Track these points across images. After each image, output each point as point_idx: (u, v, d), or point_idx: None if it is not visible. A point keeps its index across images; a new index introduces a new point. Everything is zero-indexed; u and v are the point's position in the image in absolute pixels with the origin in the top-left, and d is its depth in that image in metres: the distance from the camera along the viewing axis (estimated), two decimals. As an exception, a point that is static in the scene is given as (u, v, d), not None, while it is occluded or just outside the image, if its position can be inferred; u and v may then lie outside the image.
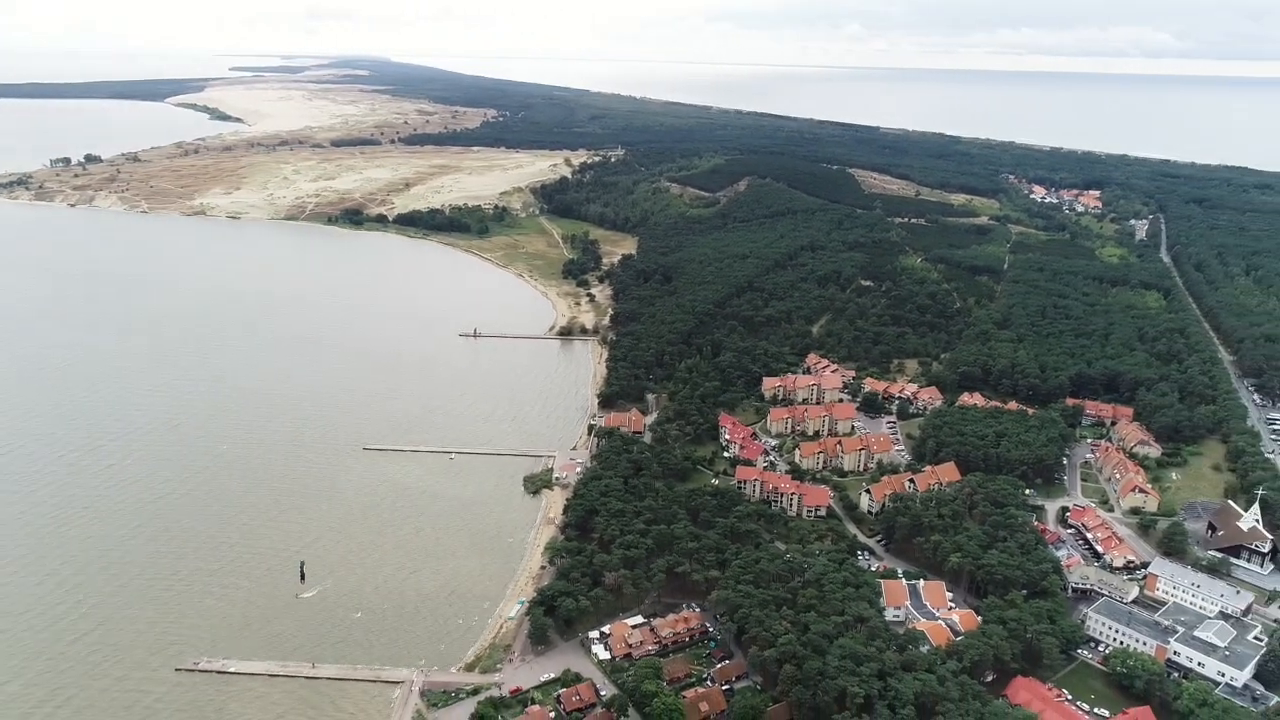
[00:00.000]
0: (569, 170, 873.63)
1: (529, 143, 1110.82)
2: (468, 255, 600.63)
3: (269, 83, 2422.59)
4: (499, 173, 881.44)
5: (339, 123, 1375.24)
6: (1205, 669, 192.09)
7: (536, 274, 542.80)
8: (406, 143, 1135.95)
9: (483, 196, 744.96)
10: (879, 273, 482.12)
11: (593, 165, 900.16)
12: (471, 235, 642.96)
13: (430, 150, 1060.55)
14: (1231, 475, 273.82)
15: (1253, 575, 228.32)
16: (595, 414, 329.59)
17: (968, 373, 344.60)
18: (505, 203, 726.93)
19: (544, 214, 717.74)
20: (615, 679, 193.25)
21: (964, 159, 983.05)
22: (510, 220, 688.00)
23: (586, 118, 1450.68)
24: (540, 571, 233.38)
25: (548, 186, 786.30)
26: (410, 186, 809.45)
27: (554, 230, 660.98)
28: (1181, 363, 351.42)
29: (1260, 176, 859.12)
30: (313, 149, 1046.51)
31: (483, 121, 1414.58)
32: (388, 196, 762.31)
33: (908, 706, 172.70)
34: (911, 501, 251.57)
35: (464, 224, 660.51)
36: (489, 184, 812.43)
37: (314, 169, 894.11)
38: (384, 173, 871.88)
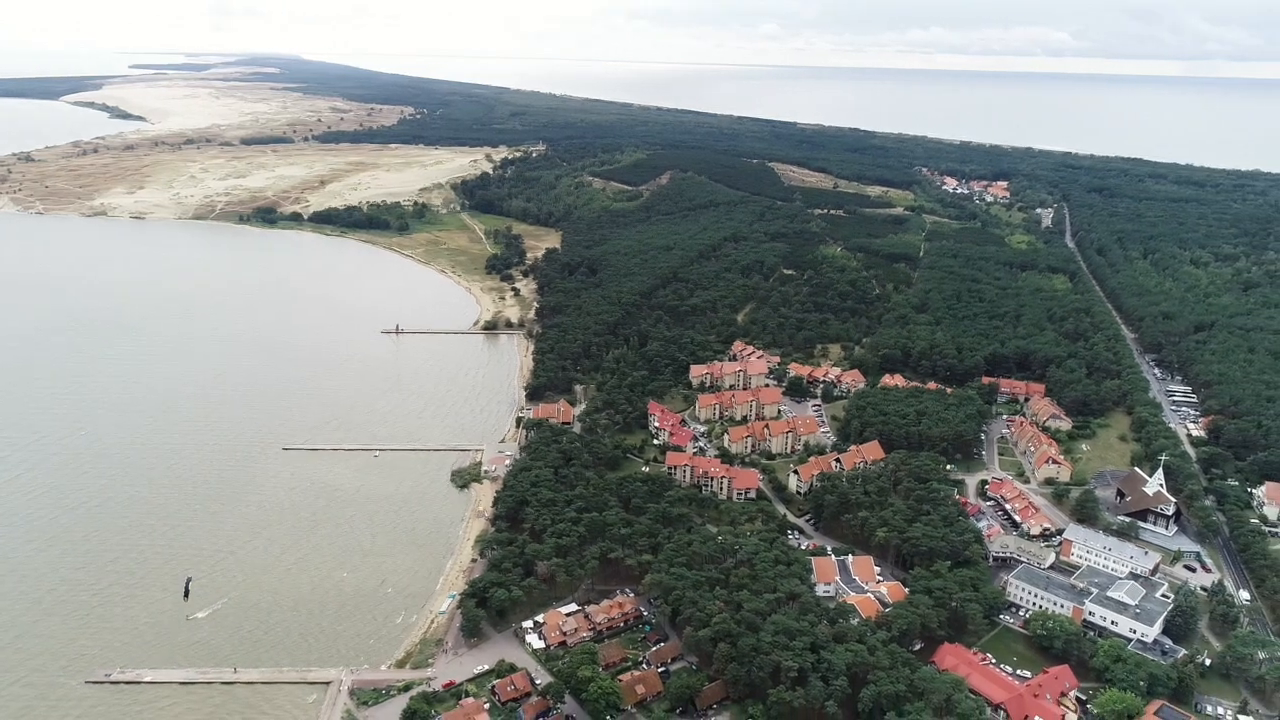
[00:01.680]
0: (490, 166, 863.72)
1: (448, 140, 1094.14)
2: (388, 252, 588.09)
3: (173, 81, 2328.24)
4: (418, 169, 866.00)
5: (249, 120, 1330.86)
6: (1118, 627, 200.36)
7: (459, 270, 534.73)
8: (321, 140, 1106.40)
9: (402, 193, 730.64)
10: (801, 262, 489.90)
11: (514, 161, 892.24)
12: (392, 232, 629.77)
13: (346, 147, 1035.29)
14: (1136, 444, 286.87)
15: (1159, 537, 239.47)
16: (523, 406, 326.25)
17: (889, 355, 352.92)
18: (426, 199, 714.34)
19: (466, 210, 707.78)
20: (550, 667, 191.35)
21: (879, 153, 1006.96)
22: (431, 217, 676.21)
23: (507, 114, 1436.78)
24: (471, 565, 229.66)
25: (469, 182, 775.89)
26: (326, 184, 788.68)
27: (476, 226, 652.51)
28: (1088, 341, 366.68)
29: (1153, 167, 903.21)
30: (221, 147, 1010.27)
31: (400, 119, 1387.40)
32: (302, 194, 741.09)
33: (840, 677, 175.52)
34: (838, 480, 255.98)
35: (383, 221, 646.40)
36: (408, 181, 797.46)
37: (223, 167, 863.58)
38: (298, 170, 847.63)
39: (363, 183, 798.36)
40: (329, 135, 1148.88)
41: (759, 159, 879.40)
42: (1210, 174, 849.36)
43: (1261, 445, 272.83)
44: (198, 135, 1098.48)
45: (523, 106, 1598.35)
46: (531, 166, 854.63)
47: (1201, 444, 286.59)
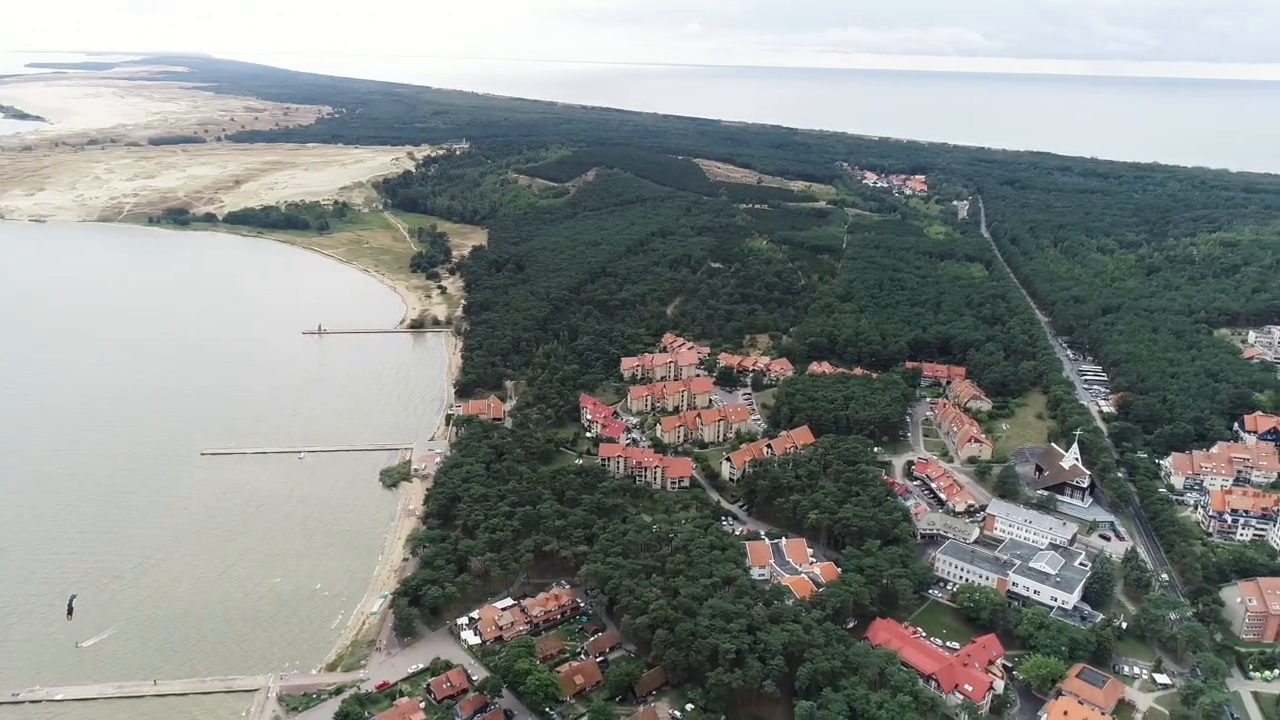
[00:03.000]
0: (413, 164, 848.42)
1: (369, 139, 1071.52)
2: (308, 253, 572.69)
3: (73, 80, 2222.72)
4: (338, 168, 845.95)
5: (157, 120, 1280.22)
6: (1040, 596, 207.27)
7: (383, 269, 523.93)
8: (234, 140, 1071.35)
9: (321, 192, 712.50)
10: (728, 255, 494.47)
11: (437, 159, 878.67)
12: (311, 232, 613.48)
13: (262, 147, 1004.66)
14: (1053, 422, 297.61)
15: (1075, 509, 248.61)
16: (453, 404, 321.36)
17: (815, 343, 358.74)
18: (346, 198, 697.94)
19: (388, 209, 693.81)
20: (487, 662, 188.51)
21: (801, 149, 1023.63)
22: (352, 216, 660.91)
23: (429, 113, 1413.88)
24: (403, 564, 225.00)
25: (391, 181, 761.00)
26: (241, 184, 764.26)
27: (400, 225, 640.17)
28: (1004, 325, 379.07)
29: (1061, 160, 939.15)
30: (128, 147, 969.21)
31: (318, 118, 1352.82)
32: (216, 194, 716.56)
33: (777, 656, 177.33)
34: (770, 466, 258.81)
35: (302, 221, 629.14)
36: (328, 180, 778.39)
37: (130, 167, 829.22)
38: (211, 170, 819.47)
39: (280, 182, 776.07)
40: (243, 135, 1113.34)
41: (685, 155, 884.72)
42: (1113, 167, 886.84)
43: (1167, 419, 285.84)
44: (102, 135, 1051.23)
45: (445, 105, 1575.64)
46: (455, 164, 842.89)
47: (1112, 419, 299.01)
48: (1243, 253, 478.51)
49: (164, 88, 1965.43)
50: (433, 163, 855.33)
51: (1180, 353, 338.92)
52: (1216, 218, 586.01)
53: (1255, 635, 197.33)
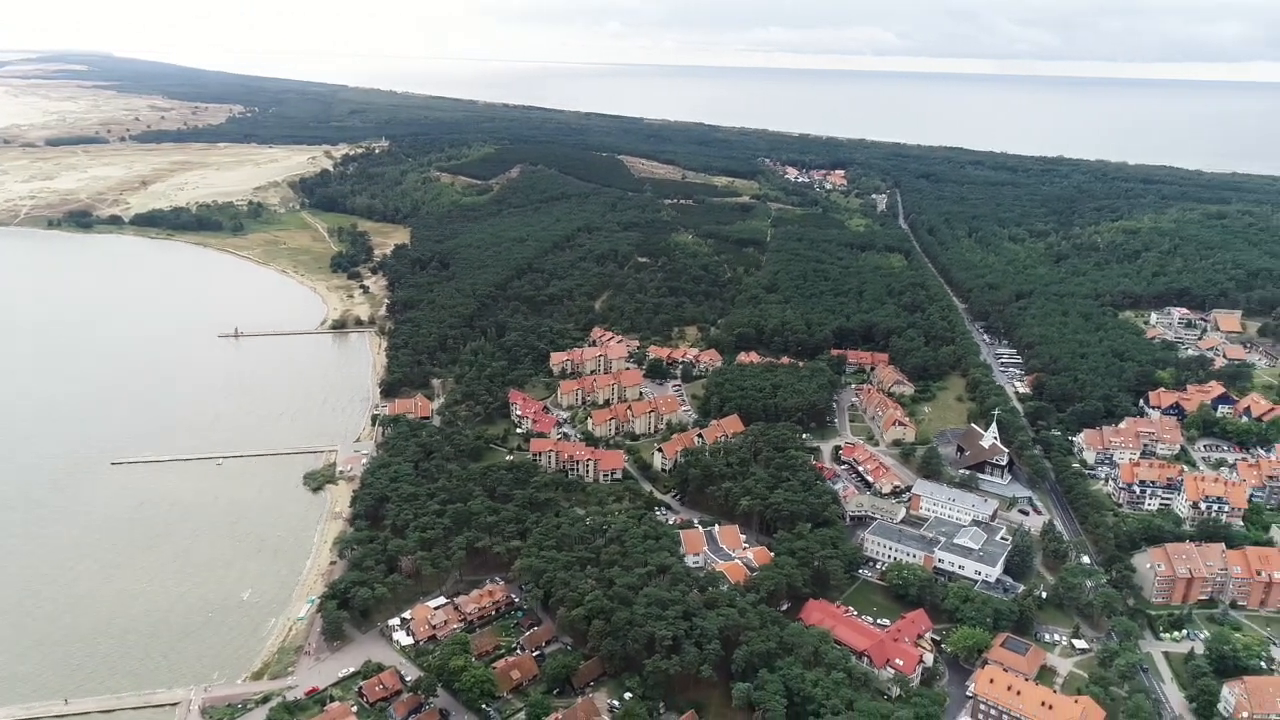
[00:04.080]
0: (331, 163, 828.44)
1: (284, 138, 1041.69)
2: (222, 254, 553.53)
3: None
4: (251, 168, 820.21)
5: (55, 120, 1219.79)
6: (965, 570, 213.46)
7: (302, 269, 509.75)
8: (140, 140, 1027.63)
9: (235, 193, 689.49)
10: (654, 249, 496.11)
11: (356, 158, 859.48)
12: (225, 233, 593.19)
13: (170, 147, 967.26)
14: (972, 403, 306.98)
15: (996, 486, 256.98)
16: (378, 404, 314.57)
17: (743, 334, 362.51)
18: (261, 198, 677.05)
19: (306, 209, 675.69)
20: (420, 662, 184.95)
21: (724, 145, 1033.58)
22: (268, 216, 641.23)
23: (346, 112, 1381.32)
24: (330, 567, 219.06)
25: (308, 180, 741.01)
26: (148, 185, 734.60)
27: (318, 224, 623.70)
28: (924, 312, 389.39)
29: (974, 155, 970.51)
30: (23, 148, 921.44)
31: (229, 117, 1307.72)
32: (121, 196, 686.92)
33: (713, 641, 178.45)
34: (701, 455, 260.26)
35: (215, 222, 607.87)
36: (241, 179, 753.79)
37: (26, 169, 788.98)
38: (116, 171, 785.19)
39: (190, 182, 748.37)
40: (149, 135, 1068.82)
41: (609, 152, 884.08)
42: (1022, 160, 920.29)
43: (1078, 397, 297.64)
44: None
45: (363, 104, 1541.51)
46: (375, 163, 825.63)
47: (1027, 399, 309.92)
48: (1143, 239, 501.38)
49: (61, 86, 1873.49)
50: (351, 161, 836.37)
51: (1088, 334, 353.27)
52: (1118, 207, 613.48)
53: (1164, 599, 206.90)
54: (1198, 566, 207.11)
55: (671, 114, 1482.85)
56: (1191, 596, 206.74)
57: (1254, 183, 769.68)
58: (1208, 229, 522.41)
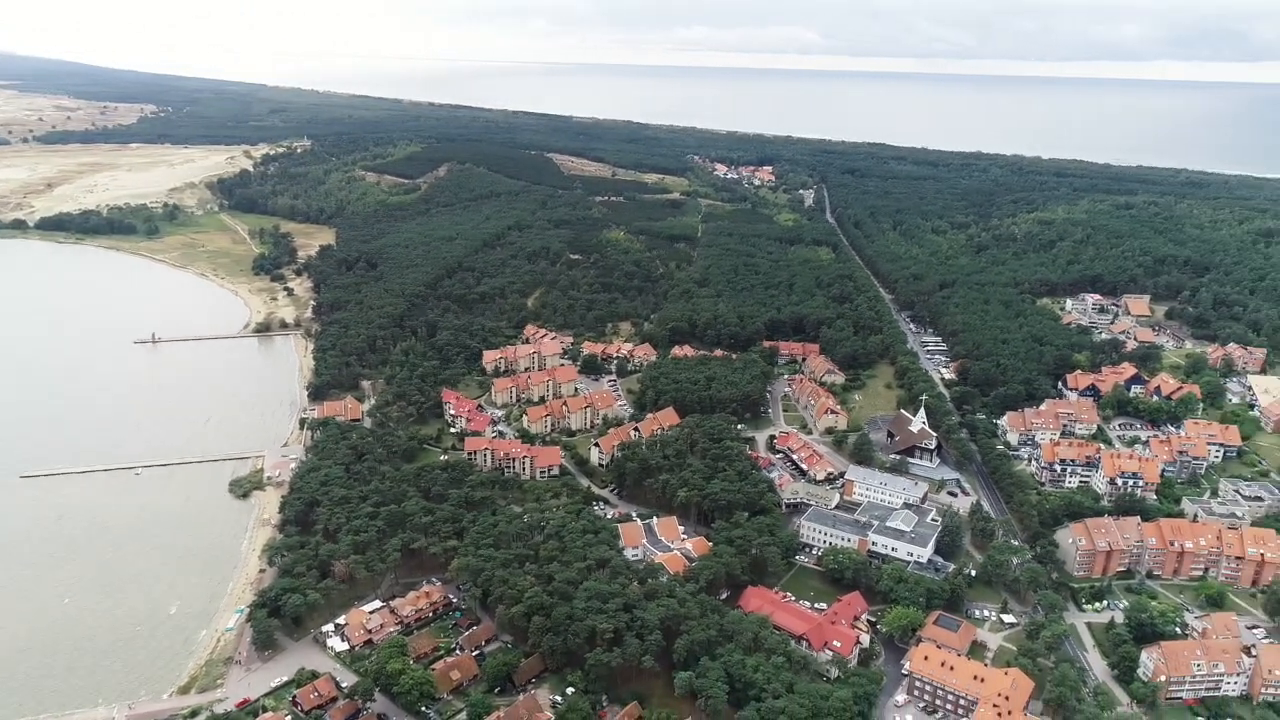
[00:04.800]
0: (251, 163, 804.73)
1: (200, 138, 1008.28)
2: (136, 258, 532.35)
3: None
4: (165, 169, 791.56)
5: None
6: (898, 552, 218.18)
7: (222, 272, 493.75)
8: (44, 141, 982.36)
9: (149, 194, 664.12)
10: (586, 246, 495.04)
11: (277, 157, 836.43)
12: (139, 236, 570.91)
13: (77, 148, 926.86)
14: (901, 390, 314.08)
15: (925, 469, 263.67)
16: (306, 407, 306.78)
17: (676, 328, 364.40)
18: (177, 200, 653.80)
19: (225, 210, 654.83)
20: (357, 668, 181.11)
21: (653, 143, 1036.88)
22: (185, 218, 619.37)
23: (265, 111, 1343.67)
24: (260, 575, 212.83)
25: (227, 181, 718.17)
26: (54, 187, 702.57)
27: (239, 226, 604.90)
28: (852, 303, 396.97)
29: (896, 151, 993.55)
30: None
31: (141, 117, 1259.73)
32: (25, 199, 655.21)
33: (654, 632, 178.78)
34: (638, 448, 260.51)
35: (128, 225, 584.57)
36: (155, 181, 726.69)
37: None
38: (18, 173, 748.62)
39: (100, 184, 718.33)
40: (54, 135, 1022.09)
41: (538, 150, 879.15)
42: (942, 155, 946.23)
43: (1001, 381, 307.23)
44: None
45: (283, 103, 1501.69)
46: (297, 163, 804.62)
47: (953, 385, 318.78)
48: (1057, 230, 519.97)
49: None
50: (272, 161, 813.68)
51: (1009, 321, 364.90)
52: (1033, 199, 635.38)
53: (1086, 571, 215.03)
54: (1116, 539, 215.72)
55: (600, 112, 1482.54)
56: (1110, 568, 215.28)
57: (1158, 175, 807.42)
58: (1117, 219, 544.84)
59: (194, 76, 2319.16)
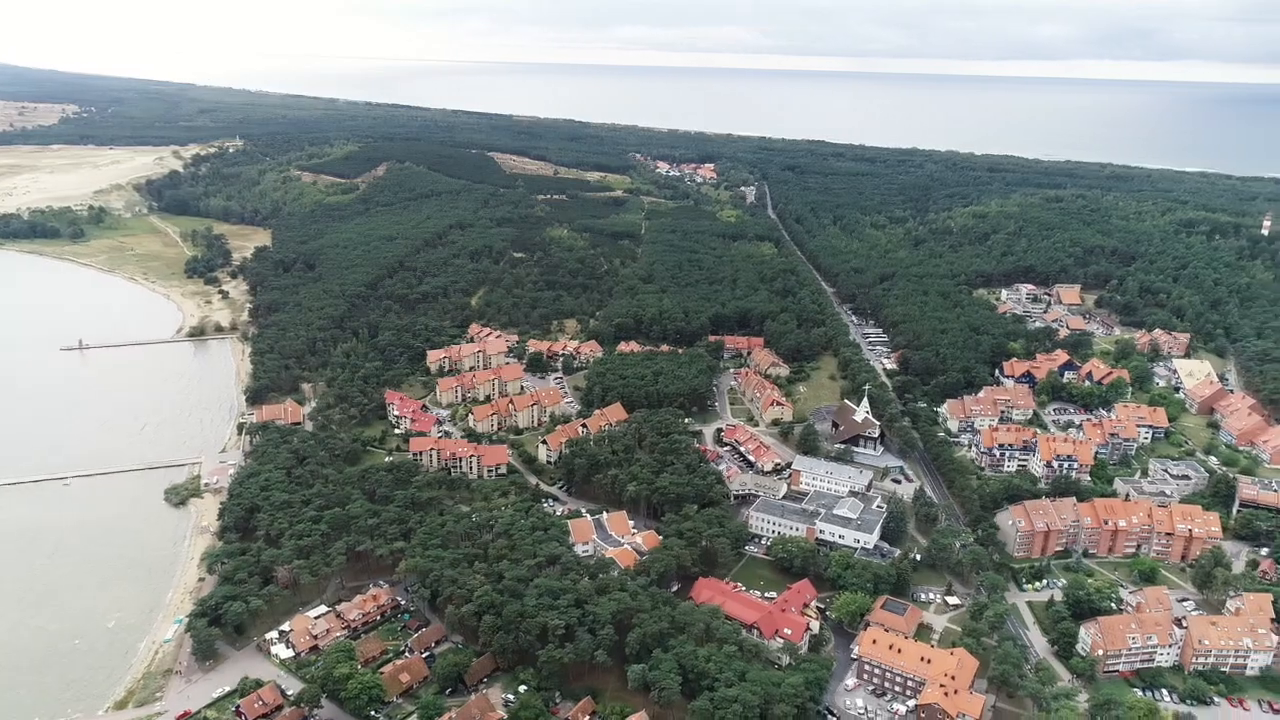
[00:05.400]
0: (180, 164, 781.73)
1: (127, 139, 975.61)
2: (61, 262, 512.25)
3: None
4: (90, 170, 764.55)
5: None
6: (844, 539, 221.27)
7: (153, 276, 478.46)
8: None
9: (73, 197, 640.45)
10: (529, 244, 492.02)
11: (208, 158, 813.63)
12: (63, 240, 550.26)
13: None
14: (844, 381, 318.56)
15: (869, 457, 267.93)
16: (245, 412, 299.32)
17: (622, 324, 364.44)
18: (104, 202, 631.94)
19: (155, 212, 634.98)
20: (303, 674, 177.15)
21: (595, 141, 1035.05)
22: (112, 221, 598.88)
23: (195, 111, 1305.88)
24: (199, 584, 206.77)
25: (156, 182, 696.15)
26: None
27: (169, 229, 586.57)
28: (795, 296, 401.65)
29: (835, 148, 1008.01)
30: None
31: (62, 117, 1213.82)
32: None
33: (606, 626, 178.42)
34: (586, 445, 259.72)
35: (51, 228, 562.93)
36: (79, 183, 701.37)
37: None
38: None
39: (20, 187, 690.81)
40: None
41: (478, 149, 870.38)
42: (879, 152, 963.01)
43: (941, 370, 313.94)
44: None
45: (213, 103, 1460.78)
46: (230, 163, 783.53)
47: (895, 374, 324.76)
48: (991, 223, 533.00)
49: None
50: (203, 162, 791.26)
51: (947, 312, 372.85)
52: (968, 194, 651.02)
53: (1025, 552, 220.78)
54: (1053, 520, 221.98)
55: (541, 111, 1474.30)
56: (1049, 548, 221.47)
57: (1085, 169, 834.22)
58: (1048, 211, 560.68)
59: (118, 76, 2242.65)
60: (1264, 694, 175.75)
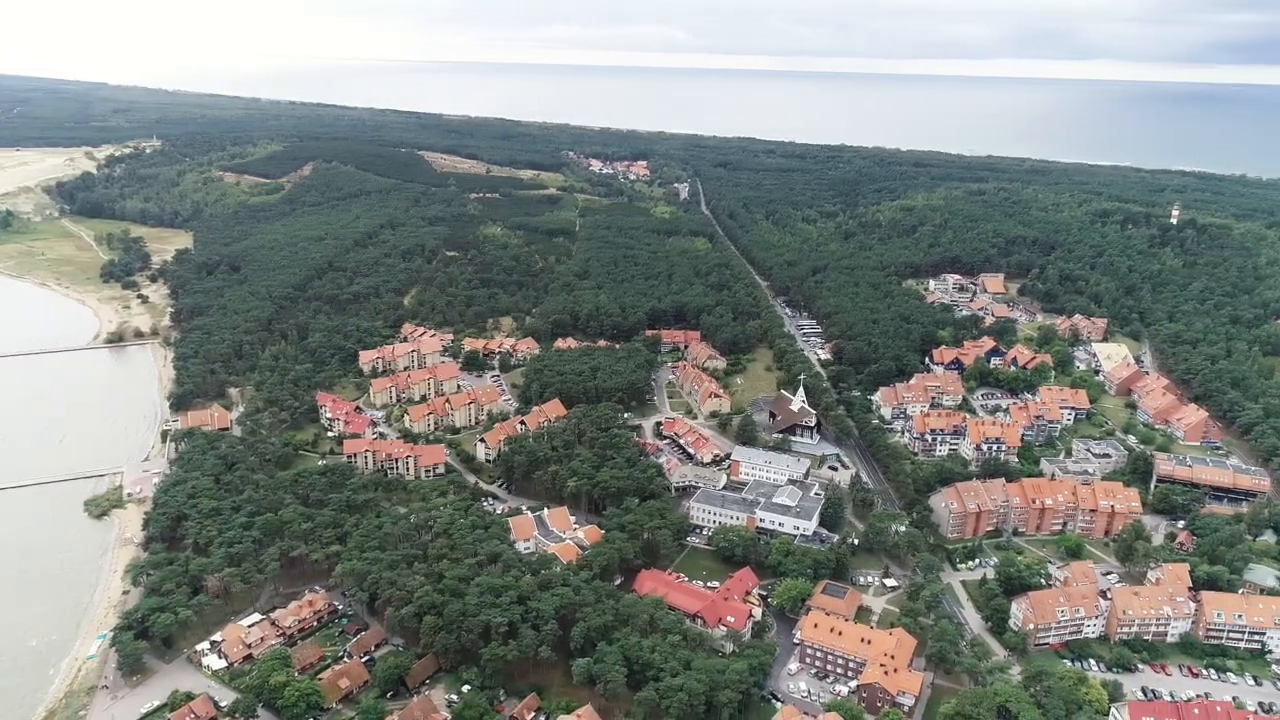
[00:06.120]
0: (93, 165, 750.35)
1: (33, 140, 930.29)
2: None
3: None
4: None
5: None
6: (784, 527, 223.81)
7: (66, 281, 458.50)
8: None
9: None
10: (462, 243, 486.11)
11: (123, 158, 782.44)
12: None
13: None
14: (780, 372, 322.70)
15: (806, 446, 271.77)
16: (169, 419, 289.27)
17: (559, 321, 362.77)
18: (11, 205, 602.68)
19: (67, 215, 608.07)
20: (237, 684, 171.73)
21: (527, 140, 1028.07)
22: (21, 225, 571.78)
23: (108, 111, 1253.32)
24: (123, 597, 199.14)
25: (67, 184, 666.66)
26: None
27: (83, 232, 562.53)
28: (730, 290, 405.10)
29: (765, 145, 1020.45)
30: None
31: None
32: None
33: (550, 622, 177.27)
34: (525, 441, 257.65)
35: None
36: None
37: None
38: None
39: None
40: None
41: (408, 148, 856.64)
42: (809, 148, 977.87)
43: (873, 359, 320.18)
44: None
45: (127, 103, 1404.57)
46: (147, 164, 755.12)
47: (829, 365, 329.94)
48: (918, 216, 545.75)
49: None
50: (118, 163, 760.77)
51: (878, 302, 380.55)
52: (895, 188, 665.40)
53: (958, 533, 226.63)
54: (984, 501, 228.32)
55: (472, 109, 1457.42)
56: (980, 528, 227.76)
57: (1005, 163, 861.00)
58: (971, 204, 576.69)
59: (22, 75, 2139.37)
60: (1184, 659, 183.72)
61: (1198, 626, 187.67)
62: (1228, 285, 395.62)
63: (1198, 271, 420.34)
